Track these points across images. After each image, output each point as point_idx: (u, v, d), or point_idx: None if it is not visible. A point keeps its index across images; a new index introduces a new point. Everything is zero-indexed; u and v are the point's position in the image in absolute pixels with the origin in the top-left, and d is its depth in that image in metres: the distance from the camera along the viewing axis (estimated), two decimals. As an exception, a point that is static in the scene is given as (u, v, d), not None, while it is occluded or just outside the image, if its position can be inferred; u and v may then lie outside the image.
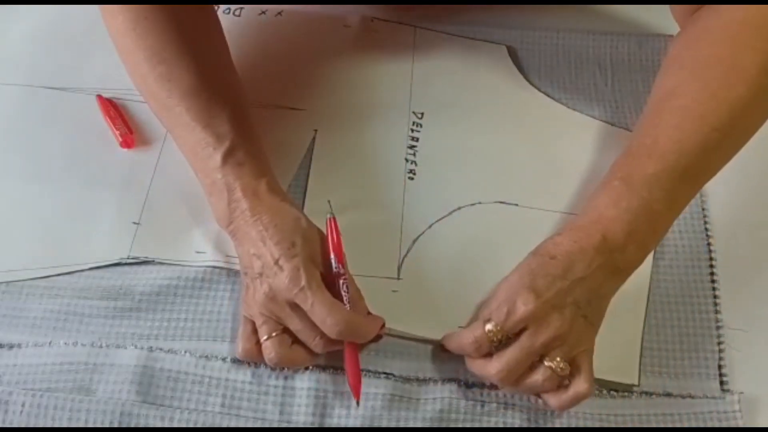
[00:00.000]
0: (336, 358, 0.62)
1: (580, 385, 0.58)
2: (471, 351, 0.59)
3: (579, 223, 0.62)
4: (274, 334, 0.59)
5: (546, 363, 0.58)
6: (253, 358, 0.61)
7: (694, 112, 0.61)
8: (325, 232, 0.63)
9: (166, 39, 0.66)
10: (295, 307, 0.59)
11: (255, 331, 0.61)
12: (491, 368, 0.58)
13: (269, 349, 0.59)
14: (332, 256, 0.61)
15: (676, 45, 0.67)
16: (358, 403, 0.60)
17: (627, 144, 0.64)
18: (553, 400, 0.59)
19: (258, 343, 0.60)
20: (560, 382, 0.58)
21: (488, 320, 0.59)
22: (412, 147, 0.75)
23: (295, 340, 0.60)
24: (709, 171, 0.63)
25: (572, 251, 0.60)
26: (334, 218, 0.64)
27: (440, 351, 0.63)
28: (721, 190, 0.73)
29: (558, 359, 0.57)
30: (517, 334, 0.58)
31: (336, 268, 0.61)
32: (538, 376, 0.58)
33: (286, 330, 0.60)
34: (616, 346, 0.64)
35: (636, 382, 0.63)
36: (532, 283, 0.59)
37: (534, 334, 0.58)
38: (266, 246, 0.60)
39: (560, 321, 0.58)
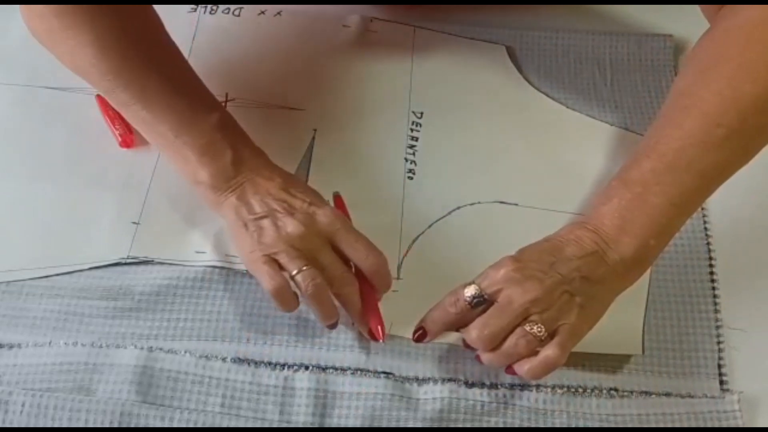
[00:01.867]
0: (336, 358, 0.62)
1: (550, 349, 0.57)
2: (448, 306, 0.60)
3: (575, 221, 0.63)
4: (304, 268, 0.60)
5: (525, 326, 0.58)
6: (285, 294, 0.61)
7: (697, 110, 0.61)
8: None
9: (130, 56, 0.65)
10: (327, 242, 0.62)
11: (279, 269, 0.61)
12: (472, 331, 0.59)
13: (307, 279, 0.60)
14: None
15: (695, 46, 0.67)
16: (383, 341, 0.62)
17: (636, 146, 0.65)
18: (525, 365, 0.58)
19: (285, 280, 0.61)
20: (535, 348, 0.58)
21: (470, 283, 0.60)
22: (411, 147, 0.75)
23: None
24: (721, 167, 0.62)
25: (565, 239, 0.61)
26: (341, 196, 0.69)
27: (420, 338, 0.62)
28: (720, 190, 0.72)
29: (535, 325, 0.58)
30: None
31: None
32: (513, 339, 0.58)
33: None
34: (618, 328, 0.64)
35: (640, 352, 0.63)
36: (518, 254, 0.61)
37: (511, 294, 0.58)
38: (291, 194, 0.64)
39: (539, 287, 0.58)
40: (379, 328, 0.62)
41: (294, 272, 0.61)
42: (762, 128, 0.61)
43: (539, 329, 0.57)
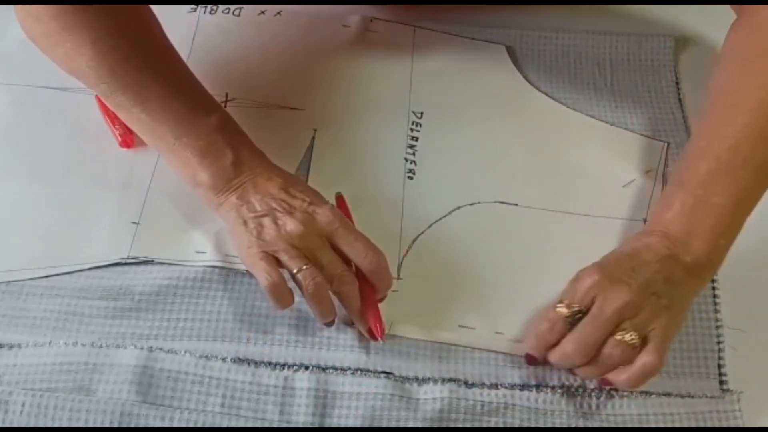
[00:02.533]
0: (336, 358, 0.62)
1: (646, 356, 0.58)
2: (547, 333, 0.61)
3: (640, 231, 0.64)
4: (304, 267, 0.60)
5: (617, 336, 0.58)
6: (280, 291, 0.61)
7: (745, 107, 0.62)
8: None
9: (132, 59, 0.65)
10: (326, 241, 0.62)
11: (277, 266, 0.61)
12: (567, 346, 0.60)
13: (308, 278, 0.60)
14: None
15: (729, 39, 0.67)
16: (382, 340, 0.62)
17: (685, 148, 0.66)
18: (622, 375, 0.59)
19: (281, 277, 0.61)
20: (631, 356, 0.58)
21: (559, 302, 0.61)
22: (411, 146, 0.75)
23: None
24: None
25: (638, 246, 0.62)
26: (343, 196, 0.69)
27: (525, 362, 0.63)
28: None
29: (627, 333, 0.58)
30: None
31: None
32: (608, 349, 0.59)
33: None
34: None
35: None
36: (598, 264, 0.62)
37: (602, 303, 0.59)
38: (291, 193, 0.64)
39: (627, 291, 0.59)
40: (378, 327, 0.62)
41: (294, 271, 0.61)
42: None
43: (631, 337, 0.58)
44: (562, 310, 0.60)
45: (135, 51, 0.65)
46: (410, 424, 0.60)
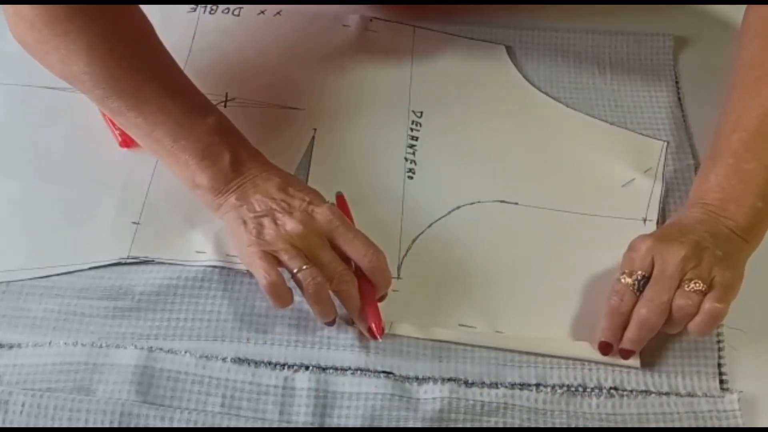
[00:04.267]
0: (336, 358, 0.62)
1: (710, 301, 0.60)
2: (618, 307, 0.62)
3: (683, 207, 0.67)
4: (304, 267, 0.61)
5: (684, 287, 0.60)
6: (279, 290, 0.61)
7: None
8: None
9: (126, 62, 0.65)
10: (326, 240, 0.62)
11: (277, 265, 0.61)
12: (642, 311, 0.61)
13: (308, 277, 0.60)
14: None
15: (748, 16, 0.69)
16: (381, 338, 0.63)
17: (717, 123, 0.68)
18: (691, 325, 0.61)
19: (280, 276, 0.61)
20: (701, 303, 0.60)
21: (621, 273, 0.63)
22: (411, 146, 0.75)
23: None
24: None
25: (680, 218, 0.65)
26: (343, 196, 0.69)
27: (599, 353, 0.63)
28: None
29: (692, 281, 0.60)
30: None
31: None
32: (679, 301, 0.60)
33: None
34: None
35: (638, 366, 0.63)
36: (647, 233, 0.64)
37: (662, 262, 0.61)
38: (290, 193, 0.64)
39: (682, 247, 0.61)
40: (377, 325, 0.62)
41: (294, 270, 0.61)
42: None
43: (697, 284, 0.60)
44: (627, 279, 0.62)
45: (130, 54, 0.65)
46: (410, 424, 0.60)
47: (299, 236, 0.62)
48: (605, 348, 0.63)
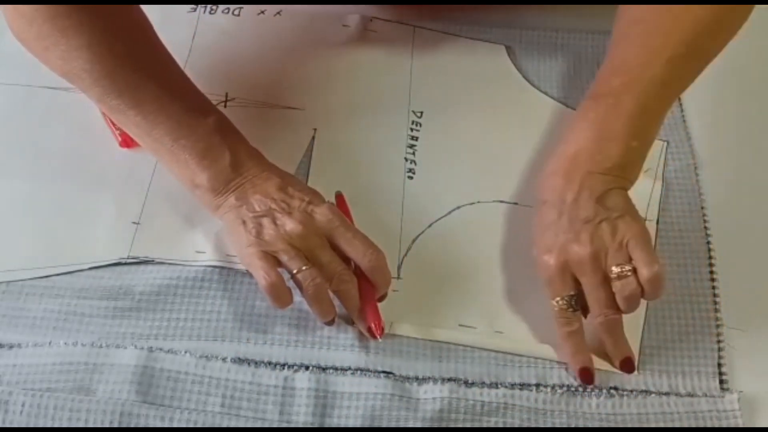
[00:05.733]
0: (336, 358, 0.62)
1: (645, 269, 0.61)
2: (570, 334, 0.63)
3: (558, 154, 0.67)
4: (304, 267, 0.61)
5: (612, 278, 0.61)
6: (279, 291, 0.61)
7: (659, 31, 0.66)
8: None
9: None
10: (325, 240, 0.63)
11: (276, 266, 0.61)
12: (597, 319, 0.62)
13: (307, 278, 0.61)
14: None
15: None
16: (380, 338, 0.63)
17: (599, 70, 0.70)
18: (647, 298, 0.62)
19: (280, 277, 0.61)
20: (638, 278, 0.61)
21: (554, 302, 0.63)
22: (411, 146, 0.75)
23: None
24: (683, 80, 0.67)
25: (556, 187, 0.65)
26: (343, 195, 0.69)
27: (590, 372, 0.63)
28: (721, 189, 0.73)
29: (614, 266, 0.61)
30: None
31: None
32: (621, 294, 0.61)
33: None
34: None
35: (636, 373, 0.63)
36: (540, 241, 0.64)
37: (580, 275, 0.62)
38: (289, 193, 0.64)
39: (583, 248, 0.62)
40: (377, 325, 0.62)
41: (294, 271, 0.61)
42: (712, 48, 0.67)
43: (620, 268, 0.61)
44: (560, 302, 0.62)
45: (130, 52, 0.64)
46: (410, 424, 0.60)
47: (299, 236, 0.62)
48: (587, 375, 0.63)
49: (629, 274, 0.61)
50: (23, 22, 0.64)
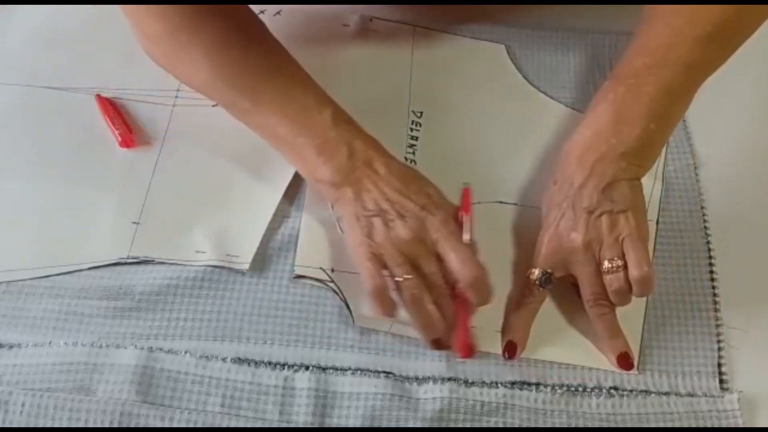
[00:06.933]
0: (336, 358, 0.62)
1: (636, 269, 0.61)
2: (523, 298, 0.64)
3: (574, 135, 0.67)
4: (407, 276, 0.61)
5: (603, 271, 0.62)
6: (383, 296, 0.61)
7: (686, 11, 0.65)
8: None
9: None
10: (432, 250, 0.63)
11: (382, 268, 0.62)
12: (592, 310, 0.63)
13: (413, 287, 0.61)
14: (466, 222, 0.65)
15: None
16: (467, 358, 0.63)
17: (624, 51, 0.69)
18: (635, 294, 0.62)
19: (386, 283, 0.61)
20: (627, 276, 0.62)
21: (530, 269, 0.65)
22: (411, 146, 0.75)
23: None
24: (708, 63, 0.66)
25: (567, 169, 0.65)
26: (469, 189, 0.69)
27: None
28: (721, 189, 0.73)
29: (606, 261, 0.62)
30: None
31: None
32: (608, 283, 0.62)
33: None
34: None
35: (636, 373, 0.63)
36: (547, 220, 0.65)
37: (572, 264, 0.63)
38: (405, 194, 0.64)
39: (576, 235, 0.63)
40: (465, 344, 0.62)
41: (398, 278, 0.61)
42: (739, 33, 0.66)
43: (612, 262, 0.62)
44: (535, 272, 0.64)
45: (246, 57, 0.66)
46: (410, 424, 0.60)
47: (407, 242, 0.62)
48: (512, 350, 0.63)
49: (619, 270, 0.62)
50: (149, 41, 0.67)
